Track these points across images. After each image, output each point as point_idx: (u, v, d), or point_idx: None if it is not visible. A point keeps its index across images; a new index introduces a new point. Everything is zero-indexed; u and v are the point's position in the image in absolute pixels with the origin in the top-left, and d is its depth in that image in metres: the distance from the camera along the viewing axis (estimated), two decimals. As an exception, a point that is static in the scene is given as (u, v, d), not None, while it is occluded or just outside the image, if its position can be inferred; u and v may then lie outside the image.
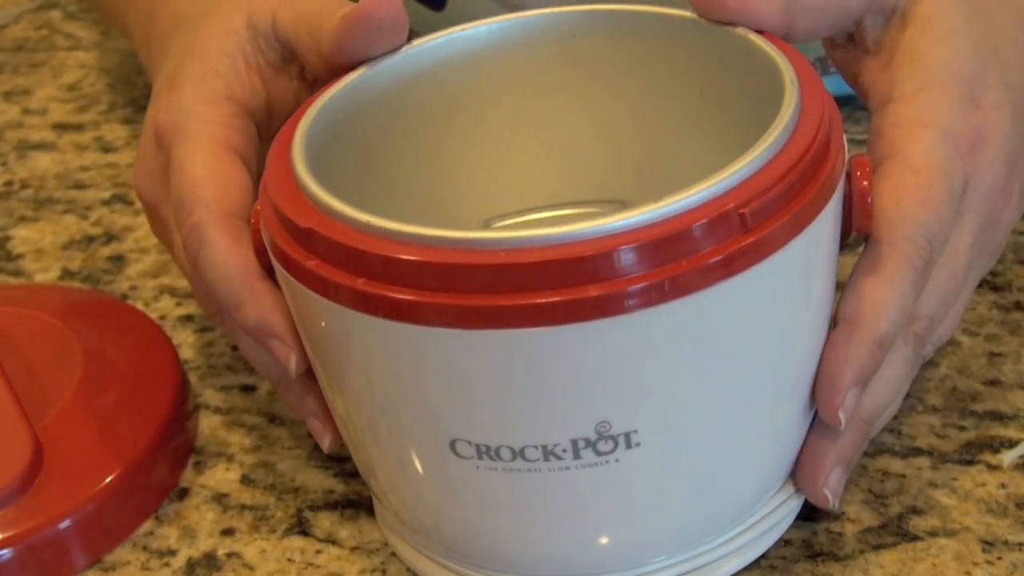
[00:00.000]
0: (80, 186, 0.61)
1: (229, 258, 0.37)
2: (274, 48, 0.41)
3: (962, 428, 0.42)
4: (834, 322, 0.36)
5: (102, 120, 0.67)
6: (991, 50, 0.39)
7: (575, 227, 0.30)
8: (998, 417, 0.43)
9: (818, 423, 0.37)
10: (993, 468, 0.41)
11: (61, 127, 0.67)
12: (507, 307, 0.30)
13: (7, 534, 0.39)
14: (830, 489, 0.37)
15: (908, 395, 0.44)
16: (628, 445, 0.32)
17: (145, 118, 0.43)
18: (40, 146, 0.65)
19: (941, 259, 0.37)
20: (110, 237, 0.57)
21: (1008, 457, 0.41)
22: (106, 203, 0.59)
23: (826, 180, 0.32)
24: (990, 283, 0.48)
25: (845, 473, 0.37)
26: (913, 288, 0.35)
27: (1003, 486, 0.40)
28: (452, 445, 0.33)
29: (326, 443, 0.39)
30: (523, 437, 0.32)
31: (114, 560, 0.41)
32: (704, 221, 0.30)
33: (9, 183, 0.62)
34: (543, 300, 0.30)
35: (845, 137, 0.35)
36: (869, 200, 0.34)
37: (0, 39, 0.78)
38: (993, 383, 0.44)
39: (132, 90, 0.70)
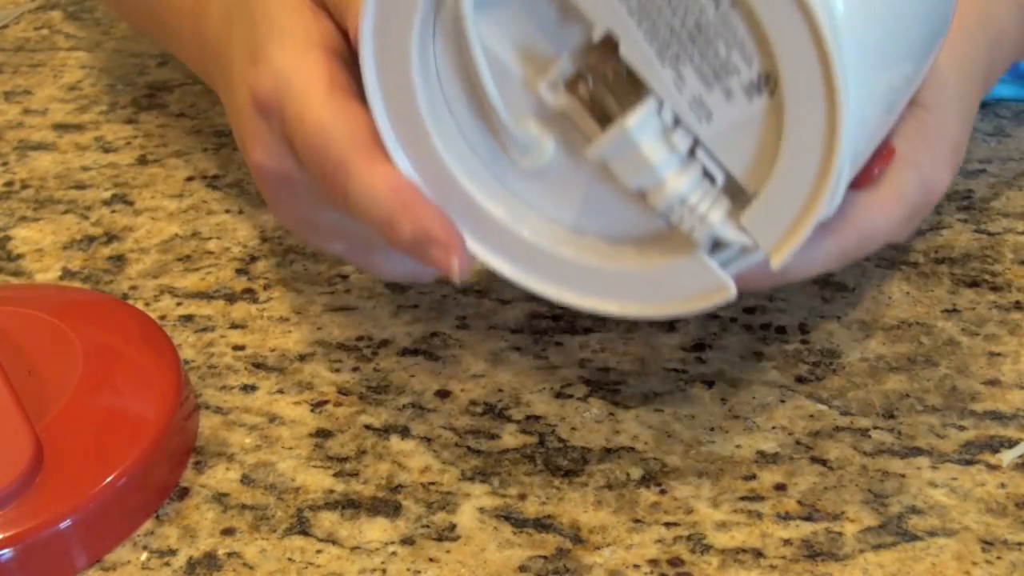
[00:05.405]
0: (81, 186, 0.61)
1: (377, 180, 0.38)
2: None
3: (962, 428, 0.42)
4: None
5: (102, 120, 0.67)
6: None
7: None
8: (998, 417, 0.43)
9: None
10: (993, 468, 0.41)
11: (61, 127, 0.67)
12: None
13: (7, 534, 0.39)
14: None
15: (908, 395, 0.44)
16: None
17: (230, 107, 0.44)
18: (40, 146, 0.65)
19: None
20: (110, 237, 0.57)
21: (1008, 457, 0.41)
22: (106, 203, 0.59)
23: None
24: (990, 283, 0.48)
25: None
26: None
27: (1003, 486, 0.40)
28: None
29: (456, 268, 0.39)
30: None
31: (114, 560, 0.41)
32: None
33: (9, 183, 0.62)
34: None
35: None
36: None
37: (0, 39, 0.78)
38: (993, 383, 0.44)
39: (132, 90, 0.70)
